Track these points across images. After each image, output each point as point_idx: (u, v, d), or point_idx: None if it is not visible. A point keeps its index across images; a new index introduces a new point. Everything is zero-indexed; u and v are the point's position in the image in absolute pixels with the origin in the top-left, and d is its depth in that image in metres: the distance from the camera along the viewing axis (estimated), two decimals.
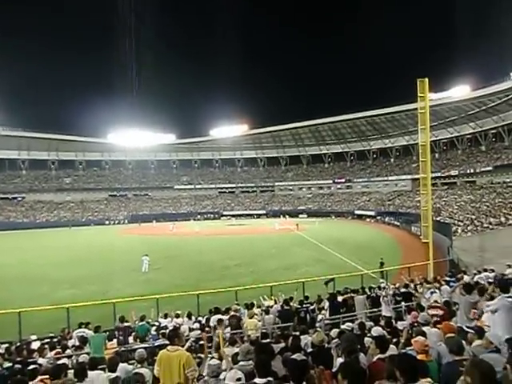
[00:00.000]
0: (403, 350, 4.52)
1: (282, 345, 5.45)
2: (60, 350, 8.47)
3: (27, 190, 77.33)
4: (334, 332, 6.36)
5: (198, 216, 74.82)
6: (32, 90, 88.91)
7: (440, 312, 6.18)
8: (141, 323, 9.80)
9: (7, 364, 7.28)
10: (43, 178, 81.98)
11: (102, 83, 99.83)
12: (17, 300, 15.77)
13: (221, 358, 5.50)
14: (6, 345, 9.55)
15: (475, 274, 11.52)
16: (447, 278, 12.06)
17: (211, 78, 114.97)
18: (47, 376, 4.59)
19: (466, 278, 10.56)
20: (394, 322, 7.30)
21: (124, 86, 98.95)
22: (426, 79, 17.57)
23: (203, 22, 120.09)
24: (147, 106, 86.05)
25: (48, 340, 10.19)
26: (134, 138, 76.25)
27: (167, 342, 4.79)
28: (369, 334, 5.71)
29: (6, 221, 65.93)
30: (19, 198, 76.12)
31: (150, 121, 74.55)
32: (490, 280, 10.12)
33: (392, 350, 4.49)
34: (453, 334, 4.51)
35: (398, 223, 50.43)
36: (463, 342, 4.07)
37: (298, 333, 6.58)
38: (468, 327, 4.95)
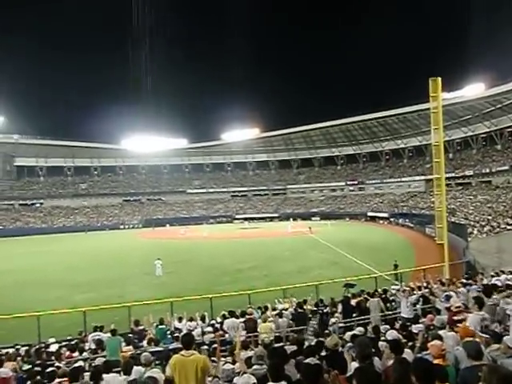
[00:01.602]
0: (419, 355, 4.45)
1: (295, 347, 5.42)
2: (77, 354, 8.62)
3: (45, 196, 79.31)
4: (348, 335, 6.31)
5: (211, 220, 75.19)
6: (48, 98, 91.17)
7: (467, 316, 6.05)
8: (160, 326, 9.85)
9: (27, 366, 7.48)
10: (60, 184, 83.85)
11: (116, 90, 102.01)
12: (36, 304, 16.09)
13: (234, 361, 5.53)
14: (26, 347, 9.80)
15: (493, 276, 11.25)
16: (464, 281, 11.80)
17: (222, 82, 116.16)
18: (66, 378, 4.69)
19: (484, 281, 10.33)
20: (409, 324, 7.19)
21: (136, 92, 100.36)
22: (439, 78, 17.31)
23: (213, 26, 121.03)
24: (159, 111, 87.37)
25: (66, 343, 10.39)
26: (146, 143, 77.31)
27: (181, 346, 4.80)
28: (383, 338, 5.64)
29: (25, 226, 67.65)
30: (37, 204, 78.09)
31: (163, 126, 75.36)
32: (508, 282, 9.86)
33: (407, 354, 4.43)
34: (471, 338, 4.41)
35: (412, 225, 49.64)
36: (482, 346, 3.98)
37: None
38: (483, 332, 4.84)
